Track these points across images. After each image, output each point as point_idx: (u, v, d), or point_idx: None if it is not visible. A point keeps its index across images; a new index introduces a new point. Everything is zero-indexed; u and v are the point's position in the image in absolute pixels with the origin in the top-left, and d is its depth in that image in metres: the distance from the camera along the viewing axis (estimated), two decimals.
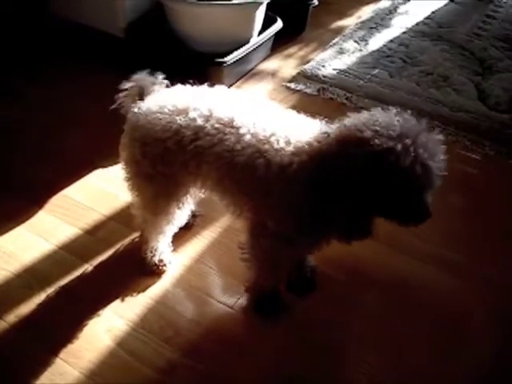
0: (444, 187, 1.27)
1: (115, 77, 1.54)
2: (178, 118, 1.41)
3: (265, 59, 2.86)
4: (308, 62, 2.87)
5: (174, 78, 1.55)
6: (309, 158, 1.30)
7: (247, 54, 2.62)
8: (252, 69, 2.78)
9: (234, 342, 1.61)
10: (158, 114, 1.43)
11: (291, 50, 2.98)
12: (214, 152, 1.38)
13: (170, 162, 1.45)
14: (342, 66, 2.82)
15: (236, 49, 2.55)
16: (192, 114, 1.40)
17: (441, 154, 1.22)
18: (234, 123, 1.37)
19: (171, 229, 1.66)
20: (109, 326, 1.62)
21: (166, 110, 1.43)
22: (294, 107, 2.47)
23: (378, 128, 1.20)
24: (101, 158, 2.18)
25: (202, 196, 1.63)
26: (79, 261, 1.79)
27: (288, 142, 1.34)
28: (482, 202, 2.11)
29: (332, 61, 2.86)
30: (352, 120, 1.29)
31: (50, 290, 1.70)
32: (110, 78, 1.63)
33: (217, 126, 1.38)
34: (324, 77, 2.73)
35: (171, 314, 1.67)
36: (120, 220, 1.94)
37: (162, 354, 1.56)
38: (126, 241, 1.87)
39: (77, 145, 2.27)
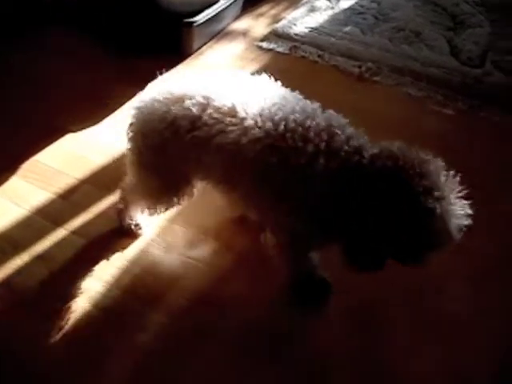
0: (418, 142, 1.29)
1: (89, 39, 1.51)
2: (173, 107, 1.36)
3: (236, 19, 2.82)
4: (279, 20, 2.84)
5: (142, 41, 1.52)
6: (339, 167, 1.28)
7: (218, 13, 2.59)
8: (223, 29, 2.74)
9: (207, 297, 1.62)
10: (156, 104, 1.39)
11: (263, 8, 2.95)
12: (215, 144, 1.33)
13: (170, 153, 1.41)
14: (314, 24, 2.79)
15: (206, 8, 2.51)
16: (187, 103, 1.35)
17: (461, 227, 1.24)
18: (237, 113, 1.31)
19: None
20: (84, 288, 1.61)
21: (163, 99, 1.39)
22: (266, 66, 2.49)
23: (426, 183, 1.21)
24: (72, 122, 2.16)
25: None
26: (53, 225, 1.79)
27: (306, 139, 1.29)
28: (456, 156, 2.11)
29: (304, 19, 2.83)
30: (400, 151, 1.26)
31: (24, 255, 1.69)
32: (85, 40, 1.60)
33: (215, 115, 1.32)
34: (296, 35, 2.71)
35: (146, 274, 1.67)
36: (93, 183, 1.93)
37: (138, 313, 1.57)
38: (101, 204, 1.85)
39: (49, 109, 2.24)
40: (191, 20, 2.44)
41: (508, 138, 2.24)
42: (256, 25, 2.81)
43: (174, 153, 1.41)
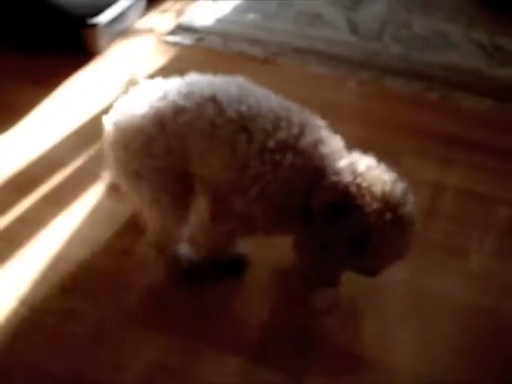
0: (326, 115, 1.42)
1: None
2: (157, 102, 1.38)
3: (141, 16, 2.85)
4: (184, 14, 2.89)
5: (46, 43, 1.52)
6: (303, 167, 1.33)
7: (121, 11, 2.62)
8: (129, 27, 2.77)
9: (130, 284, 1.67)
10: (136, 107, 1.40)
11: (167, 4, 2.99)
12: (195, 128, 1.36)
13: (156, 151, 1.39)
14: (218, 15, 2.86)
15: (108, 7, 2.54)
16: (170, 97, 1.37)
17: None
18: (216, 98, 1.36)
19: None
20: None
21: (142, 101, 1.40)
22: (173, 60, 2.55)
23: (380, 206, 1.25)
24: None
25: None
26: None
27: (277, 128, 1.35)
28: (363, 123, 2.24)
29: (207, 10, 2.90)
30: (371, 175, 1.30)
31: None
32: None
33: (198, 101, 1.36)
34: (201, 27, 2.77)
35: (70, 267, 1.70)
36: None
37: (65, 305, 1.60)
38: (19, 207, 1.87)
39: None
40: (94, 20, 2.46)
41: (409, 104, 2.37)
42: (162, 20, 2.85)
43: (158, 149, 1.39)
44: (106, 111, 2.00)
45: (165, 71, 2.41)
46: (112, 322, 1.57)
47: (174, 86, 1.41)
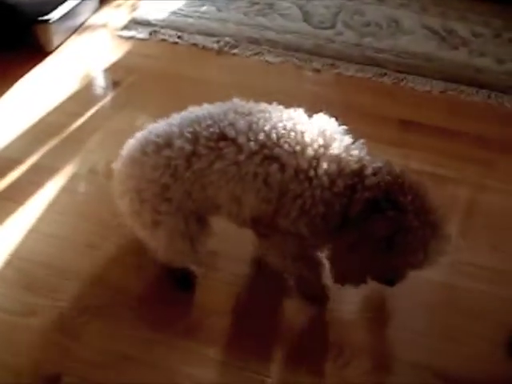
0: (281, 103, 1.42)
1: None
2: (163, 152, 1.34)
3: (95, 12, 2.84)
4: (138, 8, 2.89)
5: None
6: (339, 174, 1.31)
7: (73, 8, 2.60)
8: (83, 23, 2.76)
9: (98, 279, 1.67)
10: (143, 156, 1.37)
11: None
12: (216, 171, 1.32)
13: (172, 196, 1.37)
14: (171, 8, 2.86)
15: (61, 3, 2.52)
16: (177, 143, 1.33)
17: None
18: (228, 135, 1.31)
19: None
20: None
21: (149, 149, 1.36)
22: (128, 54, 2.54)
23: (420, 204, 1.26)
24: None
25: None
26: None
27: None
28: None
29: (161, 4, 2.89)
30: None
31: None
32: None
33: (209, 143, 1.32)
34: (154, 20, 2.77)
35: (28, 264, 1.70)
36: None
37: (24, 301, 1.60)
38: None
39: None
40: (46, 17, 2.44)
41: (363, 90, 2.41)
42: (116, 15, 2.83)
43: (174, 195, 1.37)
44: (61, 107, 2.02)
45: (120, 66, 2.42)
46: (73, 316, 1.57)
47: (173, 128, 1.37)
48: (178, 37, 2.66)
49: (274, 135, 1.31)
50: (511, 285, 1.67)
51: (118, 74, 2.43)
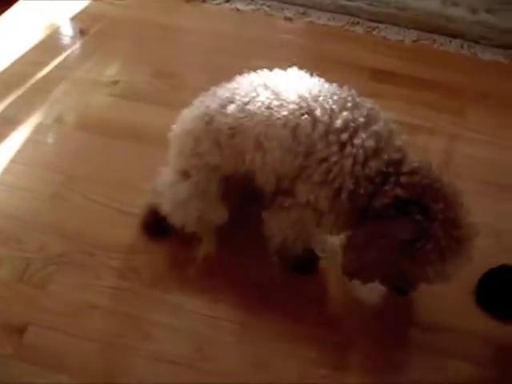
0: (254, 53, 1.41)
1: None
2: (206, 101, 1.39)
3: None
4: None
5: None
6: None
7: None
8: None
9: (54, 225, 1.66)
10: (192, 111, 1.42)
11: None
12: (246, 110, 1.29)
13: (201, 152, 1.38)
14: None
15: None
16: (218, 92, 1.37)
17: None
18: (268, 84, 1.30)
19: None
20: None
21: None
22: (94, 1, 2.48)
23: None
24: None
25: None
26: None
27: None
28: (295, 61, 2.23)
29: None
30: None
31: None
32: None
33: (248, 88, 1.32)
34: None
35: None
36: None
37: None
38: None
39: None
40: None
41: (336, 39, 2.40)
42: None
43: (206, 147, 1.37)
44: (25, 57, 1.97)
45: (87, 14, 2.36)
46: (39, 267, 1.56)
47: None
48: None
49: (315, 91, 1.27)
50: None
51: (84, 22, 2.37)
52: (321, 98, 1.25)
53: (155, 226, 1.58)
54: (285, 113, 1.25)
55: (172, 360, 1.38)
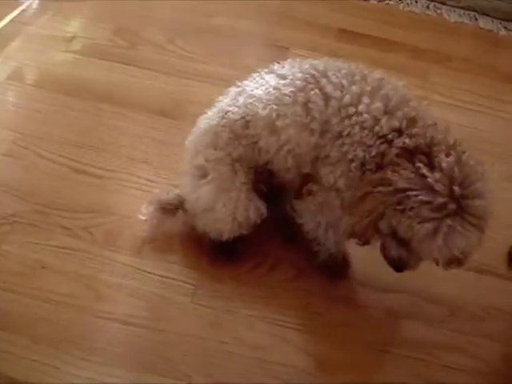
0: None
1: None
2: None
3: None
4: None
5: None
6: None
7: None
8: None
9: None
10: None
11: None
12: (258, 98, 1.31)
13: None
14: None
15: None
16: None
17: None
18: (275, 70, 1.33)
19: None
20: None
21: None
22: None
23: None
24: None
25: None
26: None
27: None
28: (255, 21, 2.20)
29: None
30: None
31: None
32: None
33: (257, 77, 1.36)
34: None
35: None
36: None
37: None
38: None
39: None
40: None
41: None
42: None
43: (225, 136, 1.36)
44: None
45: None
46: None
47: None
48: None
49: (320, 67, 1.26)
50: None
51: None
52: (329, 73, 1.24)
53: (219, 249, 1.49)
54: (293, 89, 1.24)
55: (125, 320, 1.37)
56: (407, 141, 1.14)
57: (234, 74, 1.90)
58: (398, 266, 1.22)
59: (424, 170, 1.08)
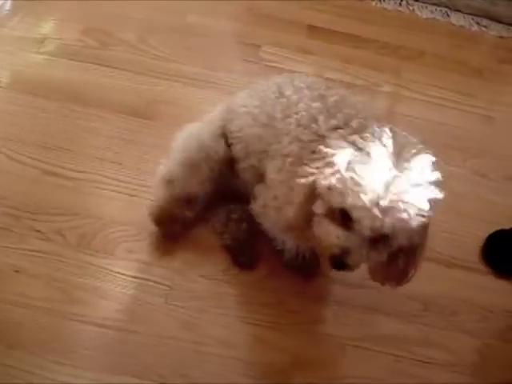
0: None
1: None
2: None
3: None
4: None
5: None
6: None
7: None
8: None
9: None
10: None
11: None
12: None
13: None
14: None
15: None
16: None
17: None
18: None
19: None
20: None
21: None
22: None
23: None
24: None
25: None
26: None
27: None
28: (227, 18, 2.18)
29: None
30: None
31: None
32: None
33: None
34: None
35: None
36: None
37: None
38: None
39: None
40: None
41: None
42: None
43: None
44: None
45: None
46: None
47: None
48: None
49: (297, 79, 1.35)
50: None
51: None
52: (296, 81, 1.31)
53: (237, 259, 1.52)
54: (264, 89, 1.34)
55: (99, 323, 1.37)
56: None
57: (206, 73, 1.92)
58: (339, 253, 1.05)
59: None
